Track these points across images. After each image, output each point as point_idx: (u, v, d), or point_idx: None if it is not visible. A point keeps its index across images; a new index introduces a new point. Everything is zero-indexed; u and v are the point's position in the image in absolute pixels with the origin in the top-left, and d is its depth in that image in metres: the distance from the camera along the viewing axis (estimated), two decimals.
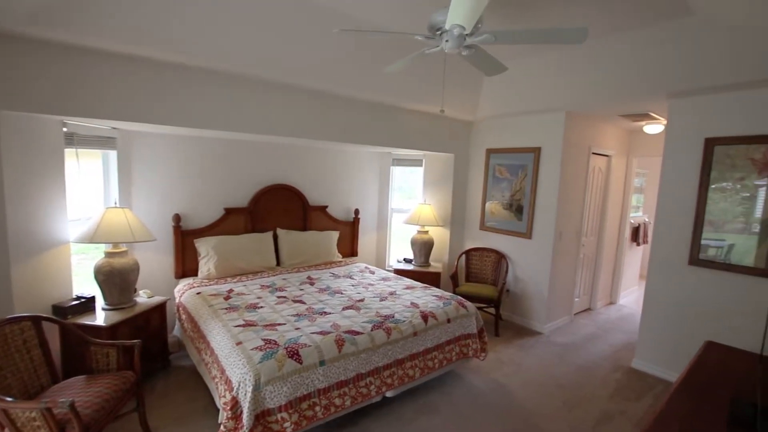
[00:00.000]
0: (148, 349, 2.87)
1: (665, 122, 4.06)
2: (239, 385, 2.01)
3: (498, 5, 2.54)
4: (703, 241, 3.09)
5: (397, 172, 5.27)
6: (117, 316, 2.68)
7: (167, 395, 2.78)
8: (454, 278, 4.35)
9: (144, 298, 3.05)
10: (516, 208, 4.44)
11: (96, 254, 3.09)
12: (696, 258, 3.11)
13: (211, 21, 2.49)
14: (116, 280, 2.75)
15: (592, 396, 3.03)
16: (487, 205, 4.77)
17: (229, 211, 3.78)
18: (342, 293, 3.29)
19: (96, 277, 2.75)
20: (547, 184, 4.14)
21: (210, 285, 3.29)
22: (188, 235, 3.54)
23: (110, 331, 2.55)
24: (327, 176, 4.59)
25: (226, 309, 2.79)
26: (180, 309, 3.14)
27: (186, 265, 3.56)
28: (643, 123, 4.37)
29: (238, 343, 2.28)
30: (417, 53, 2.38)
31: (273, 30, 2.72)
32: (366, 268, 4.17)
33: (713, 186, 3.04)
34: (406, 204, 5.33)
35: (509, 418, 2.70)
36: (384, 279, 3.79)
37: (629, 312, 5.05)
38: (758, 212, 2.84)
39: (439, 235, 4.98)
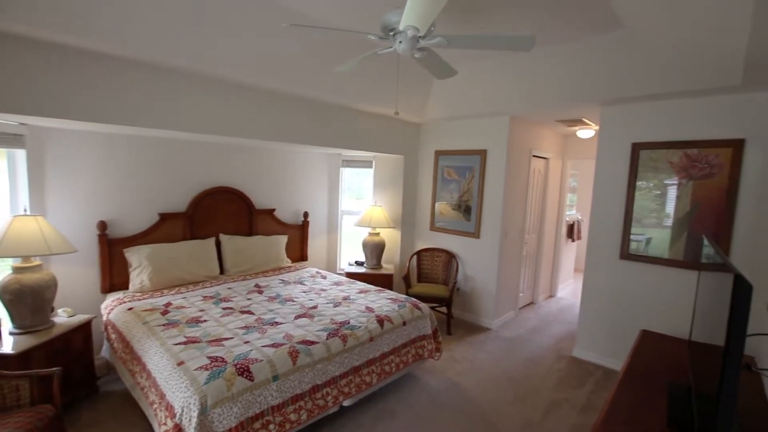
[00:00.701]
0: (70, 376, 2.53)
1: (596, 128, 4.41)
2: (183, 411, 1.83)
3: (448, 8, 2.57)
4: (631, 236, 3.38)
5: (347, 174, 5.19)
6: (29, 341, 2.32)
7: (96, 425, 2.46)
8: (407, 279, 4.37)
9: (64, 317, 2.68)
10: (464, 208, 4.56)
11: (1, 269, 2.66)
12: (626, 252, 3.39)
13: (141, 7, 2.24)
14: (27, 299, 2.39)
15: (540, 387, 3.18)
16: (437, 205, 4.85)
17: (165, 217, 3.46)
18: (293, 301, 3.14)
19: (1, 297, 2.36)
20: (493, 185, 4.29)
21: (144, 299, 2.98)
22: (116, 244, 3.18)
23: (21, 359, 2.20)
24: (274, 178, 4.39)
25: (163, 325, 2.53)
26: (108, 327, 2.81)
27: (114, 278, 3.20)
28: (576, 128, 4.70)
29: (180, 363, 2.07)
30: (369, 53, 2.33)
31: (216, 21, 2.52)
32: (317, 272, 4.04)
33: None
34: (357, 206, 5.26)
35: (466, 416, 2.74)
36: (336, 283, 3.69)
37: (567, 304, 5.41)
38: (668, 209, 3.18)
39: (391, 236, 4.97)
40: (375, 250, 4.63)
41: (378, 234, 4.70)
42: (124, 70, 2.60)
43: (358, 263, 4.80)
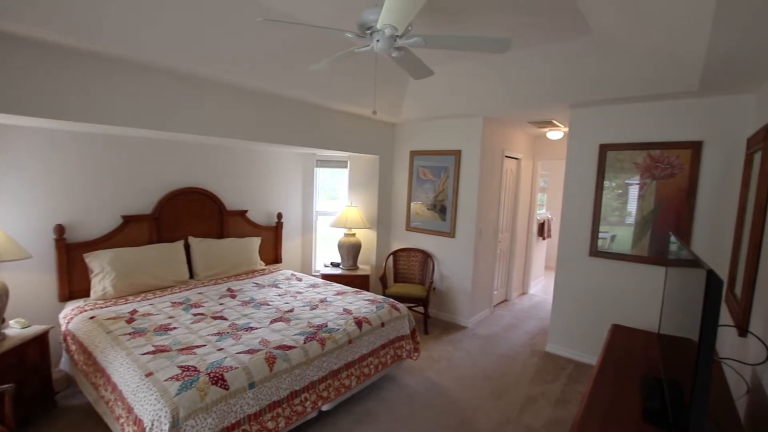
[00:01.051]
0: (25, 391, 2.35)
1: (566, 129, 4.55)
2: (152, 424, 1.72)
3: (424, 10, 2.57)
4: (599, 234, 3.51)
5: (321, 174, 5.11)
6: None
7: None
8: (383, 280, 4.35)
9: (17, 329, 2.49)
10: (440, 208, 4.60)
11: None
12: (595, 250, 3.52)
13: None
14: None
15: (516, 382, 3.24)
16: (412, 205, 4.86)
17: (129, 219, 3.28)
18: (268, 305, 3.06)
19: None
20: (467, 186, 4.35)
21: (107, 306, 2.81)
22: (76, 249, 2.99)
23: None
24: (246, 178, 4.26)
25: (129, 334, 2.40)
26: (68, 338, 2.63)
27: (74, 285, 3.00)
28: (546, 129, 4.83)
29: (149, 374, 1.96)
30: (345, 51, 2.29)
31: (187, 15, 2.40)
32: (292, 275, 3.95)
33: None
34: (332, 206, 5.20)
35: (445, 415, 2.75)
36: (313, 286, 3.62)
37: (539, 300, 5.56)
38: (632, 207, 3.33)
39: (366, 236, 4.94)
40: (351, 251, 4.59)
41: (354, 235, 4.65)
42: (86, 64, 2.44)
43: (334, 264, 4.74)
